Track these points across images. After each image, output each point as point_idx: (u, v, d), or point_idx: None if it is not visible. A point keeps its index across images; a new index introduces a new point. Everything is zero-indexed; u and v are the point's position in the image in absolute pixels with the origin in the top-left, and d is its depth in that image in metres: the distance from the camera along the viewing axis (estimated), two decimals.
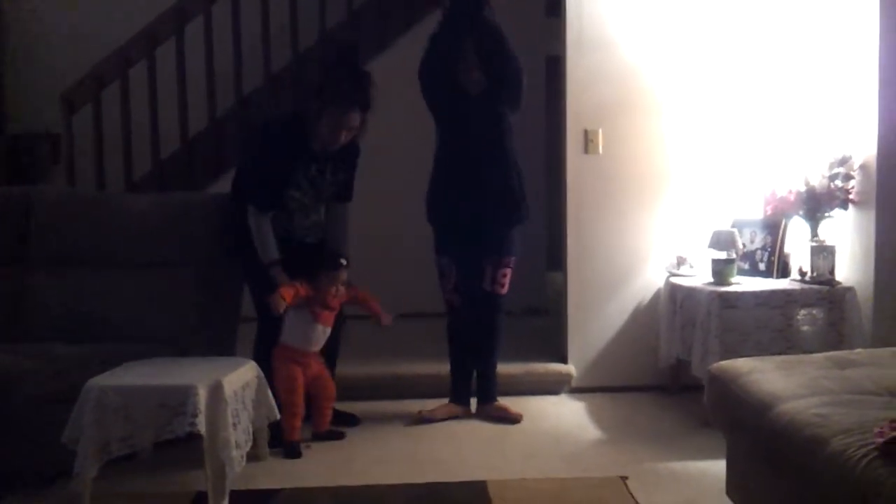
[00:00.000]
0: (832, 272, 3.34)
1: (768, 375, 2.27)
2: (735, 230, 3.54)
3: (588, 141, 3.82)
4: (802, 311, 3.27)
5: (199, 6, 4.84)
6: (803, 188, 3.44)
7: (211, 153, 5.05)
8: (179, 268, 3.39)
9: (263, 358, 3.08)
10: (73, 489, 2.50)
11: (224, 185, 4.70)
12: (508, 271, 3.44)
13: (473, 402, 3.54)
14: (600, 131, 3.81)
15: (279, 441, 3.07)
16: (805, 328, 3.26)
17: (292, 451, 3.07)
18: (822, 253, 3.36)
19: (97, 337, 3.15)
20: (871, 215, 3.25)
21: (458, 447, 3.15)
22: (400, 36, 5.17)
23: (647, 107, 3.81)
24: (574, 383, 3.85)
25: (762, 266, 3.56)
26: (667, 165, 3.82)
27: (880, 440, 1.69)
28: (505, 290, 3.45)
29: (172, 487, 2.77)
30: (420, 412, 3.45)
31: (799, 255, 3.52)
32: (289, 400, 3.10)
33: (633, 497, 2.61)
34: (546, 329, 4.49)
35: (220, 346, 3.38)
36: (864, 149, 3.29)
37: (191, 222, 3.46)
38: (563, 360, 3.87)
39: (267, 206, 3.19)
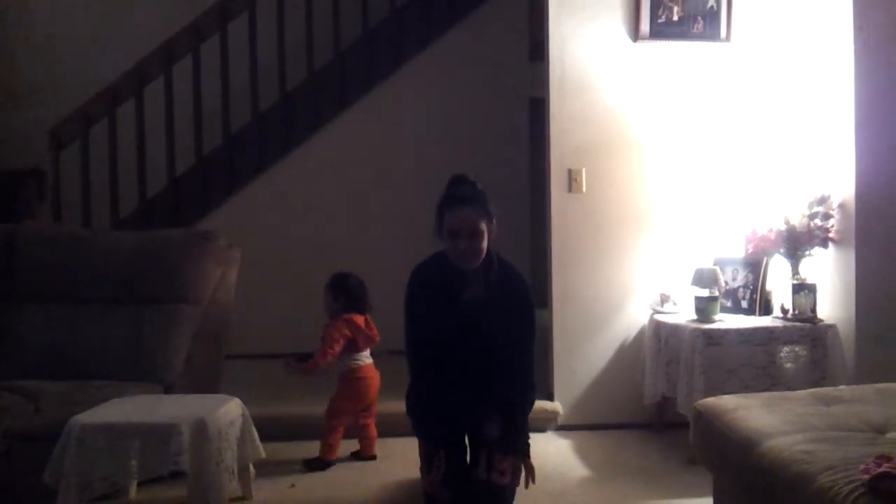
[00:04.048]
0: (814, 310, 3.38)
1: (753, 412, 2.28)
2: (717, 268, 3.58)
3: (572, 180, 3.86)
4: (785, 349, 3.30)
5: (187, 45, 4.89)
6: (783, 227, 3.49)
7: (198, 191, 5.06)
8: (165, 305, 3.38)
9: None
10: None
11: (210, 223, 4.75)
12: (511, 456, 2.63)
13: None
14: (584, 171, 3.86)
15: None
16: (788, 365, 3.29)
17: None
18: (804, 291, 3.40)
19: (80, 374, 3.13)
20: (850, 253, 3.31)
21: None
22: (387, 76, 5.25)
23: (629, 147, 3.87)
24: (560, 421, 3.85)
25: (745, 304, 3.59)
26: (650, 204, 3.87)
27: (866, 476, 1.70)
28: (507, 478, 2.63)
29: None
30: None
31: (781, 293, 3.56)
32: None
33: None
34: None
35: (206, 383, 3.35)
36: (843, 188, 3.36)
37: (176, 260, 3.46)
38: (550, 398, 3.87)
39: None
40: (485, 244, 2.66)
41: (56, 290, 3.41)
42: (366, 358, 3.42)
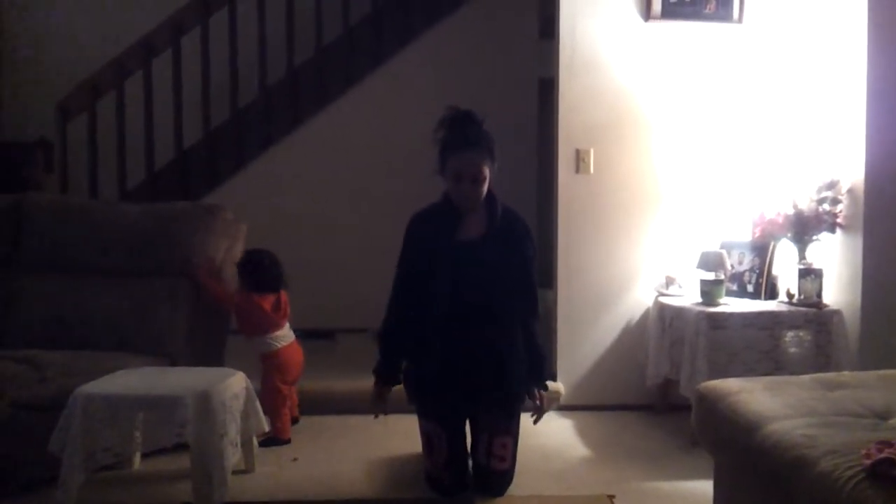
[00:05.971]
0: (819, 295, 3.36)
1: (756, 396, 2.28)
2: (724, 251, 3.57)
3: (579, 161, 3.85)
4: (790, 333, 3.30)
5: (196, 18, 4.87)
6: (791, 211, 3.47)
7: (205, 165, 5.06)
8: (170, 278, 3.39)
9: None
10: (58, 498, 2.48)
11: (217, 197, 4.74)
12: (510, 441, 2.77)
13: None
14: (592, 151, 3.84)
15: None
16: (792, 350, 3.28)
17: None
18: (810, 276, 3.39)
19: (85, 345, 3.15)
20: (858, 239, 3.29)
21: None
22: (395, 53, 5.23)
23: (637, 128, 3.84)
24: (563, 401, 3.86)
25: (750, 287, 3.58)
26: (657, 186, 3.85)
27: (868, 462, 1.70)
28: (507, 464, 2.77)
29: (159, 498, 2.75)
30: None
31: (787, 278, 3.55)
32: None
33: None
34: None
35: (209, 356, 3.37)
36: (852, 173, 3.33)
37: (182, 232, 3.46)
38: (553, 378, 3.87)
39: None
40: (486, 188, 2.76)
41: (62, 260, 3.42)
42: (281, 339, 3.38)
